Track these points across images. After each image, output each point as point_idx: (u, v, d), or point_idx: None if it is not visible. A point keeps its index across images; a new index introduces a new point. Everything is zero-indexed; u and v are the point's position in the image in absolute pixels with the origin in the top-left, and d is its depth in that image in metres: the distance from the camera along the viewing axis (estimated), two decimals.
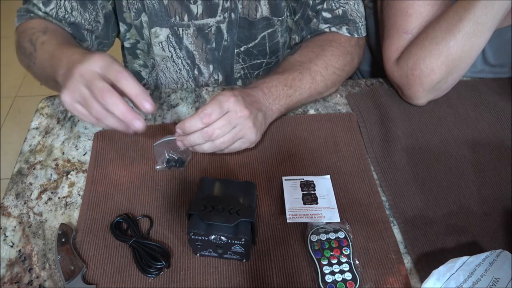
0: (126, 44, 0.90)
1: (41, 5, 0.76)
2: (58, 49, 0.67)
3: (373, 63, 1.03)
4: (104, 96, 0.55)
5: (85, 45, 0.81)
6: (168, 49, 0.86)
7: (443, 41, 0.72)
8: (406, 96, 0.80)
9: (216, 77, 0.91)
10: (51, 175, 0.71)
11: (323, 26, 0.81)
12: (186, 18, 0.82)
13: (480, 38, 0.72)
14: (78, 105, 0.58)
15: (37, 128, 0.78)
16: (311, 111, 0.81)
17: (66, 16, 0.76)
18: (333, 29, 0.81)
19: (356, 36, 0.81)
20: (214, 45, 0.86)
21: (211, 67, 0.89)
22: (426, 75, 0.75)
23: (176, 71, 0.90)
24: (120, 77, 0.56)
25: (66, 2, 0.76)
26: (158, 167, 0.64)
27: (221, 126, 0.61)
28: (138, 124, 0.56)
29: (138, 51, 0.91)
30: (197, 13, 0.81)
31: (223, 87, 0.87)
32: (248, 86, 0.71)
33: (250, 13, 0.82)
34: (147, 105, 0.56)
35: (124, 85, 0.56)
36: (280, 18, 0.85)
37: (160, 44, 0.85)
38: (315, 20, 0.81)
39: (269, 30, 0.87)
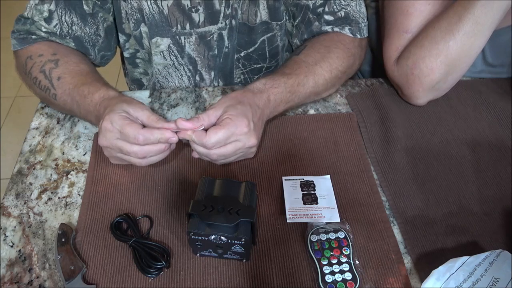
0: (126, 54, 0.90)
1: (43, 23, 0.74)
2: (79, 95, 0.70)
3: (374, 63, 1.03)
4: (139, 140, 0.60)
5: (89, 58, 0.82)
6: (170, 57, 0.86)
7: (443, 40, 0.72)
8: (406, 95, 0.80)
9: (216, 83, 0.92)
10: (51, 175, 0.71)
11: (325, 28, 0.80)
12: (188, 26, 0.82)
13: (480, 38, 0.72)
14: (116, 161, 0.67)
15: (37, 128, 0.78)
16: (311, 111, 0.81)
17: (70, 32, 0.76)
18: (336, 29, 0.80)
19: (358, 36, 0.81)
20: (216, 51, 0.86)
21: (212, 73, 0.90)
22: (426, 74, 0.75)
23: (178, 76, 0.90)
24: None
25: (67, 17, 0.75)
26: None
27: (225, 152, 0.63)
28: (173, 139, 0.62)
29: (138, 60, 0.91)
30: (199, 21, 0.81)
31: (223, 87, 0.87)
32: (256, 86, 0.70)
33: (249, 19, 0.82)
34: (174, 139, 0.62)
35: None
36: (279, 22, 0.85)
37: (161, 53, 0.85)
38: (317, 23, 0.80)
39: (268, 35, 0.86)
